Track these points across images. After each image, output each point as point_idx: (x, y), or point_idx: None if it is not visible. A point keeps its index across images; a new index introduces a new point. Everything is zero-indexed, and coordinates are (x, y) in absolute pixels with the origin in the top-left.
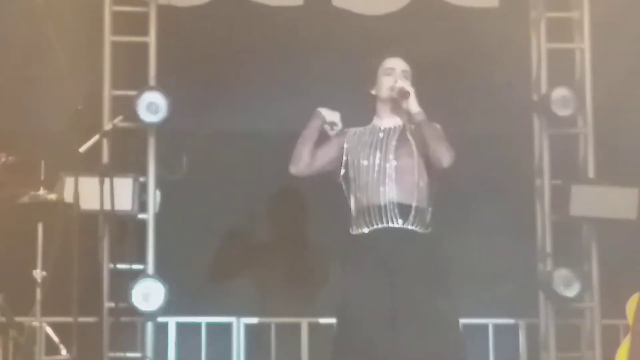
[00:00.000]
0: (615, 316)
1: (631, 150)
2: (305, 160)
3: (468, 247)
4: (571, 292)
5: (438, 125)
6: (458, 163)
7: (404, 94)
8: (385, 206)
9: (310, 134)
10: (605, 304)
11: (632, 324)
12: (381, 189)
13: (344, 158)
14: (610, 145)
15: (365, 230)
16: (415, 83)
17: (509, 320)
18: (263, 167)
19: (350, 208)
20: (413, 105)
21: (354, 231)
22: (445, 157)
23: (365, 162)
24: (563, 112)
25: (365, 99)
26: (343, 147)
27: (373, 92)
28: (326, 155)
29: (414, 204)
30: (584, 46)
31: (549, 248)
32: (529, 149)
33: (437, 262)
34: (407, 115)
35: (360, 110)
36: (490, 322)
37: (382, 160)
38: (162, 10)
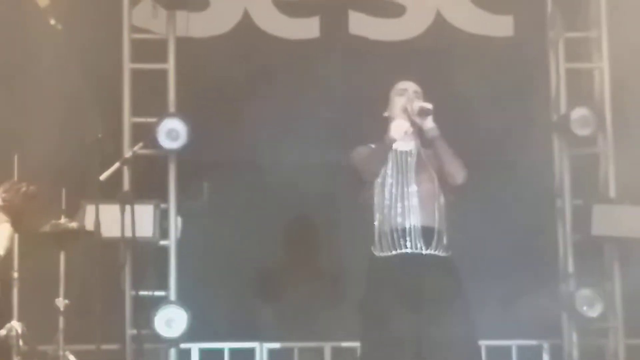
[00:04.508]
0: (639, 336)
1: None
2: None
3: (490, 269)
4: (594, 312)
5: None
6: (479, 185)
7: (426, 112)
8: (408, 230)
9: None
10: (628, 323)
11: None
12: (404, 213)
13: None
14: (631, 164)
15: (389, 253)
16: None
17: (533, 342)
18: (282, 193)
19: (374, 225)
20: (428, 121)
21: (377, 253)
22: (460, 174)
23: (387, 184)
24: (583, 131)
25: (380, 121)
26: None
27: (386, 114)
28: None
29: (435, 227)
30: (602, 65)
31: (571, 268)
32: (550, 169)
33: (460, 285)
34: (420, 134)
35: (380, 134)
36: (514, 343)
37: (404, 185)
38: (181, 40)
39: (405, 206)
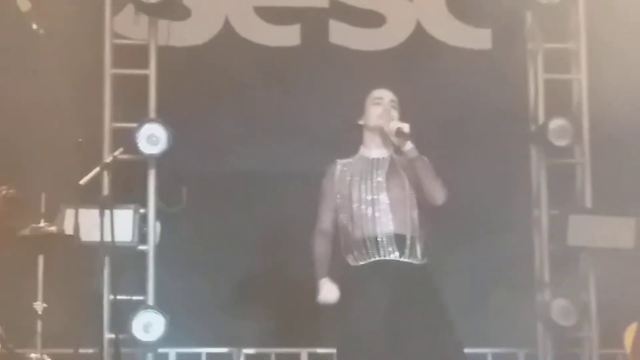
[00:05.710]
0: (613, 346)
1: (628, 180)
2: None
3: (466, 278)
4: (569, 321)
5: (426, 158)
6: (456, 194)
7: (403, 135)
8: (381, 238)
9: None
10: (603, 333)
11: (630, 353)
12: (376, 221)
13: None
14: (607, 175)
15: (363, 262)
16: (409, 116)
17: (508, 350)
18: (261, 200)
19: (347, 234)
20: (407, 142)
21: (351, 261)
22: (439, 195)
23: (355, 194)
24: (560, 142)
25: (354, 129)
26: (335, 185)
27: (361, 122)
28: (332, 210)
29: (408, 235)
30: (580, 77)
31: (547, 278)
32: (527, 179)
33: (435, 293)
34: (395, 145)
35: (354, 142)
36: (490, 351)
37: (373, 193)
38: (162, 47)
39: (377, 214)
